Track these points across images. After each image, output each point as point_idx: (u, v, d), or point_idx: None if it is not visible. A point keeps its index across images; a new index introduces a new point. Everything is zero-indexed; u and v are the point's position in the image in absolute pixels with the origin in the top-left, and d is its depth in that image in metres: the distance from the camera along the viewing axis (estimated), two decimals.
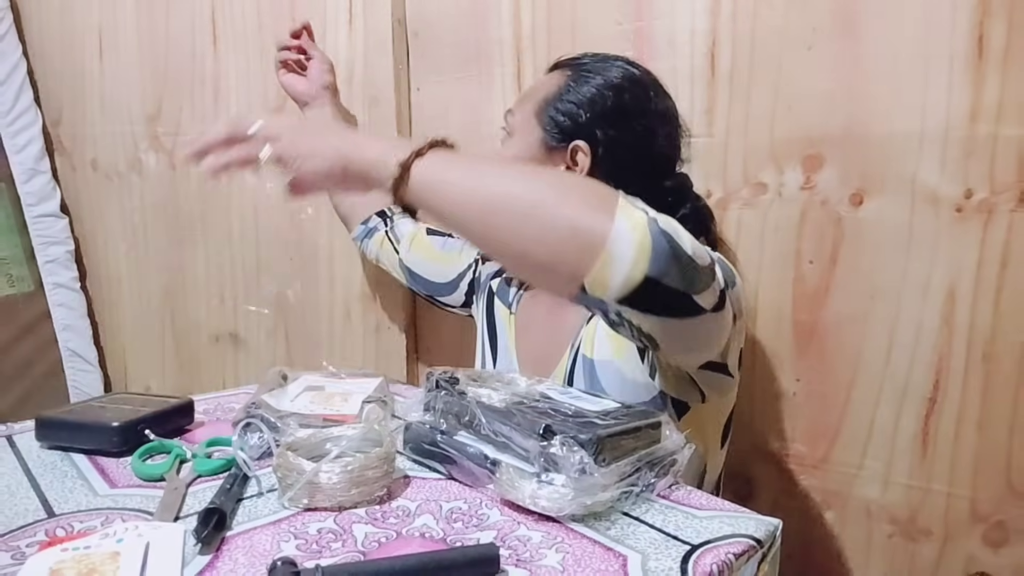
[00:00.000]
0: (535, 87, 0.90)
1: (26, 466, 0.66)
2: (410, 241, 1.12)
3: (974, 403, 0.90)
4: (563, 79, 0.86)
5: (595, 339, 0.79)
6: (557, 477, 0.55)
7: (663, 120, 0.87)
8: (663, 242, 0.54)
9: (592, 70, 0.85)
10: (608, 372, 0.77)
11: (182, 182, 1.54)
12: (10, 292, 1.62)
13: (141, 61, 1.54)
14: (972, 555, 0.92)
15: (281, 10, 1.36)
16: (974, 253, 0.88)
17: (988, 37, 0.84)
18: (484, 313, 1.01)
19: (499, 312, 0.99)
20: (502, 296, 1.00)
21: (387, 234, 1.14)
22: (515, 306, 0.98)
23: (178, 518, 0.56)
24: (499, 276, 1.03)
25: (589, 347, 0.80)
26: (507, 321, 0.97)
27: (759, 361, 1.03)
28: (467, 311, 1.10)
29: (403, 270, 1.13)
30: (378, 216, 1.16)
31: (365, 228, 1.17)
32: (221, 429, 0.76)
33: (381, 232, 1.15)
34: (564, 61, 0.91)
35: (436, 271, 1.10)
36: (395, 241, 1.13)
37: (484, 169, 0.61)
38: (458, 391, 0.65)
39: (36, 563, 0.46)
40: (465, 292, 1.08)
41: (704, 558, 0.49)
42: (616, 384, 0.76)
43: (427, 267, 1.10)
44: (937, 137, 0.88)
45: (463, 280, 1.08)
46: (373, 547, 0.51)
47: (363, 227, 1.17)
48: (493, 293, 1.02)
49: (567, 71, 0.87)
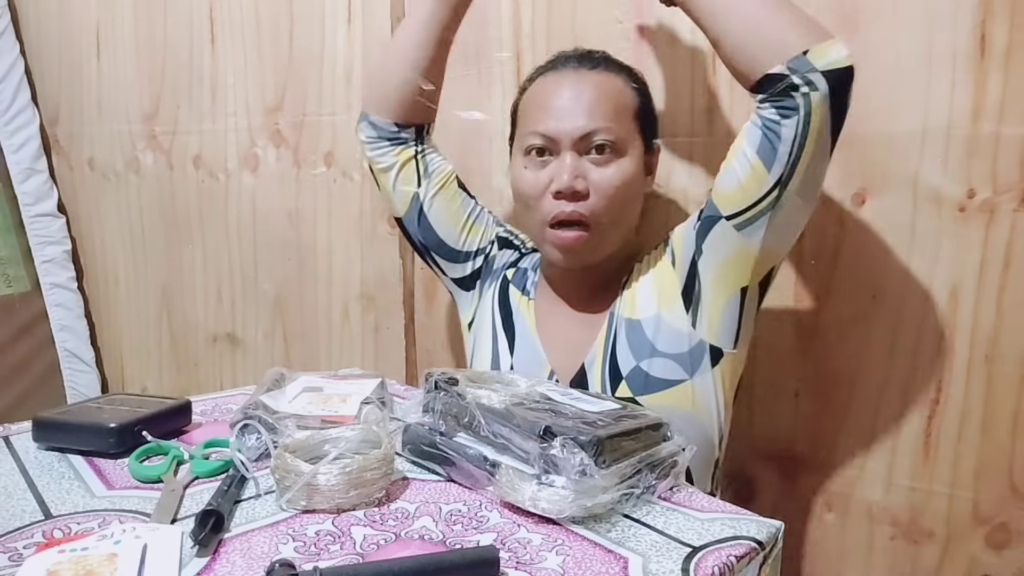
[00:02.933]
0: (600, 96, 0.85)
1: (23, 467, 0.65)
2: (441, 181, 0.99)
3: (977, 404, 0.90)
4: (621, 83, 0.88)
5: (636, 301, 0.87)
6: (557, 479, 0.54)
7: None
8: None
9: (631, 70, 0.91)
10: (654, 325, 0.85)
11: (180, 181, 1.54)
12: (7, 292, 1.61)
13: (139, 60, 1.54)
14: (974, 557, 0.92)
15: (279, 9, 1.35)
16: (977, 253, 0.87)
17: (990, 36, 0.83)
18: (497, 302, 0.99)
19: (515, 299, 0.97)
20: (518, 283, 0.98)
21: (417, 155, 0.98)
22: (533, 292, 0.97)
23: (175, 520, 0.55)
24: (515, 266, 1.01)
25: (630, 310, 0.87)
26: (525, 308, 0.96)
27: (760, 361, 1.03)
28: (454, 283, 1.03)
29: (413, 204, 0.99)
30: (414, 130, 0.99)
31: (396, 130, 0.97)
32: (219, 430, 0.76)
33: (411, 148, 0.98)
34: (594, 59, 0.90)
35: (450, 231, 1.00)
36: (422, 169, 0.98)
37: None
38: (457, 392, 0.65)
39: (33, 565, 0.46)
40: (469, 270, 1.01)
41: (706, 560, 0.49)
42: (663, 335, 0.84)
43: (443, 219, 0.99)
44: (939, 136, 0.87)
45: (474, 258, 1.01)
46: (372, 549, 0.51)
47: (394, 127, 0.97)
48: (508, 281, 0.99)
49: (612, 73, 0.88)
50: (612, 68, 0.89)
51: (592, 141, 0.83)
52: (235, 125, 1.44)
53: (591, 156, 0.84)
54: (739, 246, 0.80)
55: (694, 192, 1.04)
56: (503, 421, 0.60)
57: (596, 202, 0.83)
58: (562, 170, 0.83)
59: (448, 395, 0.65)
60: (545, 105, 0.87)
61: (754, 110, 0.77)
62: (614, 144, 0.84)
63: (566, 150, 0.84)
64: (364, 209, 1.33)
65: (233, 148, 1.46)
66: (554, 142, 0.85)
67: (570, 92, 0.85)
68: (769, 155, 0.75)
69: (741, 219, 0.79)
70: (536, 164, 0.87)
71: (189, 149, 1.51)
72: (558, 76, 0.88)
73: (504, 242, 1.03)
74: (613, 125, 0.84)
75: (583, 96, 0.84)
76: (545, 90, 0.88)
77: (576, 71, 0.87)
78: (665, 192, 1.06)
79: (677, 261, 0.87)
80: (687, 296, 0.85)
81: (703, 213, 0.84)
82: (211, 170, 1.49)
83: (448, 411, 0.65)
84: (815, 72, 0.71)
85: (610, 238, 0.87)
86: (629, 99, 0.87)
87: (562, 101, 0.85)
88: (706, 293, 0.83)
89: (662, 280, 0.87)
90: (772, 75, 0.73)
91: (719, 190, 0.81)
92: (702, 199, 1.03)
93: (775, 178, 0.76)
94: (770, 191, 0.76)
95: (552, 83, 0.88)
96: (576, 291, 0.93)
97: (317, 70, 1.34)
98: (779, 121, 0.74)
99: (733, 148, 0.79)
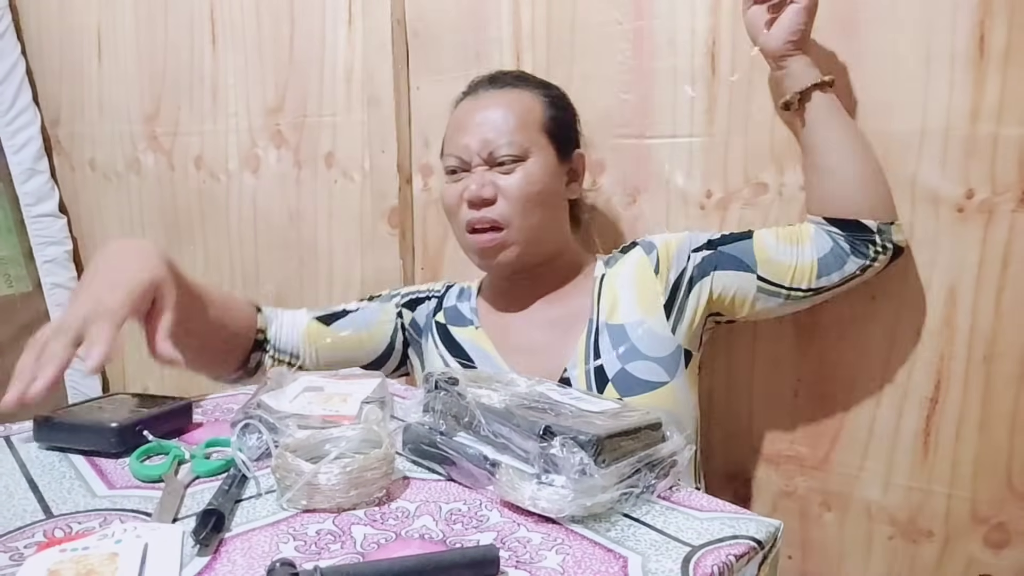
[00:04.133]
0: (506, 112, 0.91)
1: (24, 467, 0.66)
2: (310, 344, 0.99)
3: (975, 404, 0.90)
4: (529, 98, 0.94)
5: (618, 306, 0.92)
6: (557, 478, 0.54)
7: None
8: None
9: (546, 85, 0.98)
10: (639, 330, 0.89)
11: (181, 182, 1.54)
12: (8, 292, 1.62)
13: (139, 61, 1.54)
14: (973, 557, 0.92)
15: (280, 10, 1.36)
16: (975, 253, 0.87)
17: (989, 37, 0.84)
18: (443, 347, 0.98)
19: (462, 335, 0.98)
20: (455, 320, 1.00)
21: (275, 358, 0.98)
22: (476, 320, 0.99)
23: (176, 519, 0.55)
24: (440, 309, 1.02)
25: (612, 315, 0.91)
26: (475, 337, 0.97)
27: (759, 361, 1.03)
28: (395, 372, 1.05)
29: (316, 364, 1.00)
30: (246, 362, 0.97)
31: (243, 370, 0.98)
32: (220, 430, 0.76)
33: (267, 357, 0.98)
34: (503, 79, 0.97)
35: (361, 353, 1.02)
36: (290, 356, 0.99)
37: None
38: (457, 392, 0.65)
39: (34, 564, 0.46)
40: (401, 351, 1.04)
41: (705, 560, 0.49)
42: (647, 339, 0.89)
43: (350, 353, 1.01)
44: (938, 137, 0.87)
45: (396, 339, 1.03)
46: (372, 548, 0.51)
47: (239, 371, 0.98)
48: (444, 324, 1.00)
49: (520, 89, 0.95)
50: (521, 85, 0.96)
51: (497, 154, 0.90)
52: (236, 126, 1.45)
53: (501, 168, 0.90)
54: (747, 294, 0.90)
55: (693, 192, 1.04)
56: (503, 420, 0.60)
57: (505, 206, 0.90)
58: (471, 181, 0.91)
59: (448, 395, 0.65)
60: (457, 127, 0.94)
61: (825, 226, 0.88)
62: (519, 154, 0.90)
63: (477, 165, 0.91)
64: (364, 209, 1.33)
65: (234, 149, 1.46)
66: (465, 159, 0.92)
67: (479, 112, 0.93)
68: (825, 269, 0.87)
69: (768, 285, 0.89)
70: (453, 180, 0.94)
71: (190, 150, 1.51)
72: (472, 99, 0.96)
73: (410, 304, 1.04)
74: (516, 137, 0.90)
75: (489, 114, 0.92)
76: (458, 114, 0.96)
77: (486, 91, 0.96)
78: (665, 192, 1.06)
79: (662, 270, 0.92)
80: (669, 306, 0.91)
81: (724, 247, 0.91)
82: (212, 171, 1.49)
83: (448, 411, 0.65)
84: (890, 241, 0.86)
85: (530, 239, 0.91)
86: (538, 112, 0.93)
87: (471, 122, 0.93)
88: (690, 310, 0.91)
89: (644, 286, 0.92)
90: (863, 224, 0.85)
91: (770, 254, 0.89)
92: (702, 199, 1.04)
93: (818, 285, 0.88)
94: (807, 289, 0.88)
95: (464, 106, 0.96)
96: (529, 300, 0.97)
97: (318, 71, 1.34)
98: (849, 254, 0.86)
99: (799, 236, 0.89)
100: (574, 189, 0.98)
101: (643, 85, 1.05)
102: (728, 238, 0.92)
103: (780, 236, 0.90)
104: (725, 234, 0.93)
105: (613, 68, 1.07)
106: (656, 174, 1.06)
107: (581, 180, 0.98)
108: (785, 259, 0.88)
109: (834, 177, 0.87)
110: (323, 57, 1.33)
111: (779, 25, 0.86)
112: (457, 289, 1.05)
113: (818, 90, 0.86)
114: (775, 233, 0.90)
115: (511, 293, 0.98)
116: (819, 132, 0.87)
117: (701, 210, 1.04)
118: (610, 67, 1.07)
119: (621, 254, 0.97)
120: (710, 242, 0.92)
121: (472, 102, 0.95)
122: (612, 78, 1.07)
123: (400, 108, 1.26)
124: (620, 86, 1.07)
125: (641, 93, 1.05)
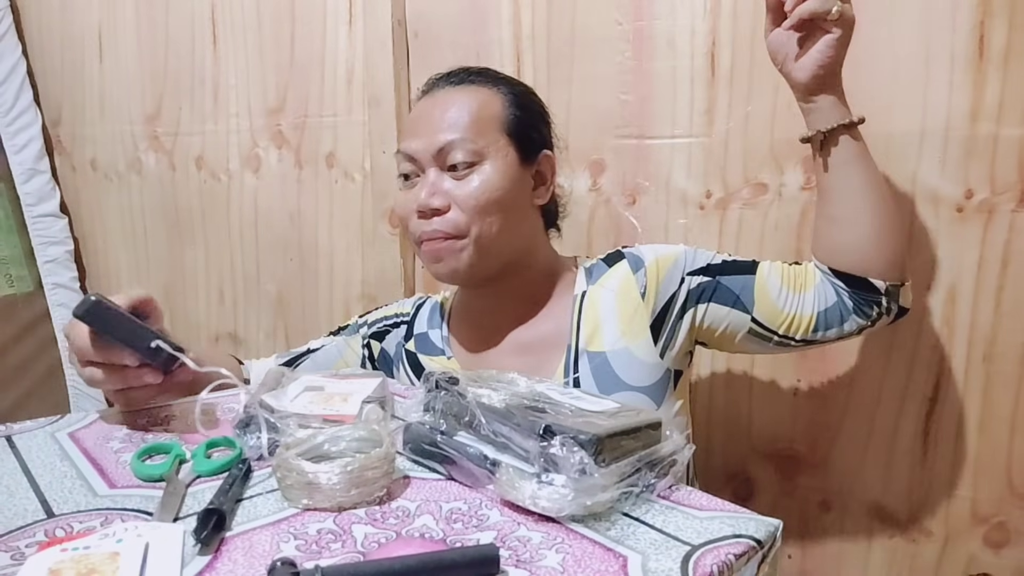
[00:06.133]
0: (460, 110, 0.83)
1: (25, 466, 0.66)
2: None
3: (975, 403, 0.90)
4: (488, 95, 0.85)
5: (601, 334, 0.84)
6: (557, 477, 0.54)
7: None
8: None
9: (509, 81, 0.89)
10: (623, 359, 0.83)
11: (182, 182, 1.54)
12: (10, 292, 1.62)
13: (141, 61, 1.54)
14: (973, 556, 0.92)
15: (281, 10, 1.36)
16: (975, 253, 0.87)
17: (989, 37, 0.84)
18: (415, 378, 0.94)
19: (432, 366, 0.92)
20: (427, 349, 0.94)
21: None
22: (448, 350, 0.92)
23: (177, 518, 0.56)
24: (410, 337, 0.96)
25: (595, 343, 0.84)
26: (447, 367, 0.91)
27: (759, 361, 1.03)
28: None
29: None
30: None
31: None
32: (220, 430, 0.76)
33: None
34: (461, 75, 0.88)
35: None
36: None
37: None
38: (458, 391, 0.65)
39: (35, 563, 0.46)
40: None
41: (704, 559, 0.49)
42: (631, 369, 0.82)
43: None
44: (938, 137, 0.88)
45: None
46: (373, 547, 0.51)
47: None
48: (414, 353, 0.94)
49: (478, 86, 0.86)
50: (479, 81, 0.86)
51: (449, 155, 0.81)
52: (237, 126, 1.45)
53: (454, 172, 0.82)
54: (736, 332, 0.84)
55: (693, 192, 1.04)
56: (503, 420, 0.60)
57: (458, 216, 0.81)
58: (420, 187, 0.82)
59: (449, 394, 0.66)
60: (409, 126, 0.88)
61: (831, 277, 0.81)
62: (474, 155, 0.81)
63: (428, 167, 0.83)
64: (365, 210, 1.33)
65: (235, 149, 1.46)
66: (415, 161, 0.84)
67: (432, 110, 0.84)
68: (824, 325, 0.82)
69: (761, 329, 0.83)
70: (407, 186, 0.86)
71: (191, 150, 1.52)
72: (428, 98, 0.87)
73: (378, 335, 0.99)
74: (470, 136, 0.81)
75: (443, 112, 0.83)
76: (412, 114, 0.89)
77: (442, 89, 0.87)
78: (665, 192, 1.06)
79: (650, 294, 0.84)
80: (657, 329, 0.84)
81: (724, 278, 0.84)
82: (213, 171, 1.50)
83: (449, 410, 0.65)
84: (896, 303, 0.80)
85: (490, 249, 0.82)
86: (496, 109, 0.84)
87: (422, 120, 0.85)
88: (681, 334, 0.85)
89: (627, 310, 0.84)
90: (872, 284, 0.79)
91: (772, 298, 0.82)
92: (701, 199, 1.04)
93: (811, 338, 0.82)
94: (799, 340, 0.83)
95: (419, 106, 0.88)
96: (502, 318, 0.89)
97: (318, 71, 1.34)
98: (851, 312, 0.81)
99: (804, 282, 0.82)
100: (541, 194, 0.87)
101: (643, 86, 1.05)
102: (729, 268, 0.84)
103: (785, 279, 0.83)
104: (727, 261, 0.85)
105: (613, 69, 1.07)
106: (656, 174, 1.06)
107: (550, 184, 0.88)
108: (786, 307, 0.82)
109: (848, 229, 0.79)
110: (324, 57, 1.33)
111: (809, 56, 0.76)
112: (428, 308, 0.98)
113: (846, 132, 0.78)
114: (780, 273, 0.83)
115: (482, 310, 0.91)
116: (840, 178, 0.79)
117: (701, 210, 1.04)
118: (610, 68, 1.07)
119: (606, 265, 0.88)
120: (709, 267, 0.84)
121: (427, 100, 0.87)
122: (612, 79, 1.07)
123: (401, 108, 1.26)
124: (620, 87, 1.07)
125: (641, 94, 1.06)
